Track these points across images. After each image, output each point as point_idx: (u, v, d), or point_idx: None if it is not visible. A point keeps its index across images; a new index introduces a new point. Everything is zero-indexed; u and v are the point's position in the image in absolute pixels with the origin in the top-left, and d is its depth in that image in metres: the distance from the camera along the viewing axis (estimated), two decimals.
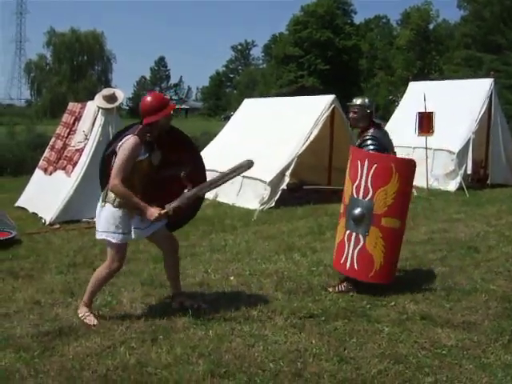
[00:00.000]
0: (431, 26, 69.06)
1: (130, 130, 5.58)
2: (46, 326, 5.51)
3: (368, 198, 6.35)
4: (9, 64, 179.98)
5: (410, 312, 5.87)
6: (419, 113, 14.96)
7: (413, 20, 67.19)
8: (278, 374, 4.54)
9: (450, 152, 15.01)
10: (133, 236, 5.51)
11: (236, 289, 6.65)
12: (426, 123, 15.07)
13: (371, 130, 6.74)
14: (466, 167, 15.14)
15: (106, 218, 5.41)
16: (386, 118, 25.26)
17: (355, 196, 6.44)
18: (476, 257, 8.09)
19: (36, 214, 10.94)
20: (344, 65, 68.88)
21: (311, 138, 12.54)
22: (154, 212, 5.34)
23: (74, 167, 10.69)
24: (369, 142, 6.62)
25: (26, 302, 6.19)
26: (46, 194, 11.15)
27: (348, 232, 6.51)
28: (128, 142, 5.33)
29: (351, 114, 6.91)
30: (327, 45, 68.87)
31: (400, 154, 16.52)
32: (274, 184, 12.08)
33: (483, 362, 4.78)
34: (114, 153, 5.45)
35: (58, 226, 10.05)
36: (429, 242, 8.94)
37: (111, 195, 5.38)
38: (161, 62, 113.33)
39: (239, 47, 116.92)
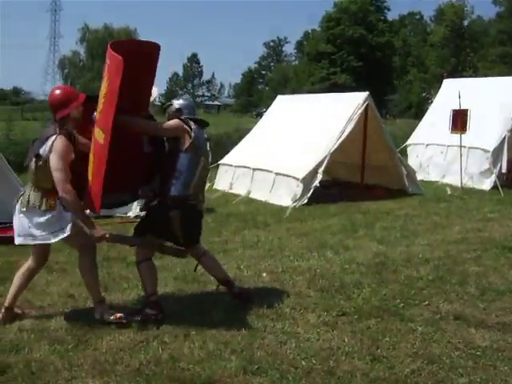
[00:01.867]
0: (466, 23, 68.27)
1: (47, 132, 5.38)
2: (79, 319, 5.56)
3: None
4: (43, 60, 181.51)
5: (443, 312, 5.81)
6: (453, 110, 14.81)
7: (447, 16, 66.47)
8: (311, 372, 4.52)
9: (484, 150, 14.81)
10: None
11: (268, 285, 6.65)
12: (459, 121, 14.93)
13: None
14: (500, 166, 14.90)
15: (50, 220, 5.30)
16: (420, 116, 25.07)
17: None
18: (511, 257, 7.97)
19: None
20: (377, 62, 68.33)
21: (344, 135, 12.49)
22: (99, 231, 5.35)
23: None
24: None
25: (60, 295, 6.28)
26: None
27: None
28: (57, 142, 5.21)
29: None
30: (360, 41, 68.41)
31: (434, 151, 16.52)
32: (307, 181, 12.05)
33: None
34: (38, 156, 5.30)
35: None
36: (463, 242, 8.84)
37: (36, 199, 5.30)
38: (193, 59, 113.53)
39: (271, 44, 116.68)
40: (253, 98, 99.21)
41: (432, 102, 20.16)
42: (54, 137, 5.24)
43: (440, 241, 8.86)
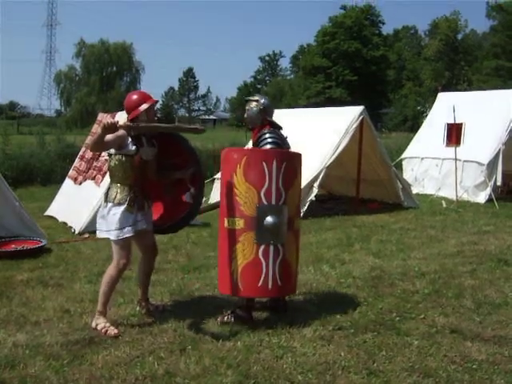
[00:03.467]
0: (460, 36, 68.60)
1: None
2: (75, 334, 5.54)
3: (281, 202, 5.67)
4: (39, 74, 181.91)
5: (439, 325, 5.81)
6: (448, 124, 14.87)
7: (441, 30, 66.79)
8: None
9: (479, 163, 14.86)
10: (132, 232, 5.62)
11: (264, 299, 6.59)
12: (454, 134, 14.98)
13: (267, 129, 6.32)
14: (495, 179, 14.96)
15: (106, 217, 5.60)
16: (415, 129, 25.15)
17: (265, 203, 5.60)
18: (506, 270, 7.99)
19: (65, 224, 11.05)
20: (372, 75, 68.55)
21: (340, 149, 12.52)
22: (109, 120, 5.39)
23: (103, 177, 10.77)
24: (267, 136, 6.19)
25: (56, 310, 6.24)
26: (75, 203, 11.24)
27: (263, 247, 5.64)
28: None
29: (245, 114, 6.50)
30: (355, 56, 68.64)
31: (429, 165, 16.57)
32: (303, 195, 12.02)
33: None
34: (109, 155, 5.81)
35: (87, 235, 10.13)
36: (458, 255, 8.85)
37: (112, 194, 5.62)
38: (189, 73, 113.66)
39: (267, 58, 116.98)
40: None
41: (427, 115, 20.24)
42: None
43: (436, 254, 8.87)
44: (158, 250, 6.26)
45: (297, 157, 6.05)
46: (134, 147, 5.61)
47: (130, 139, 5.59)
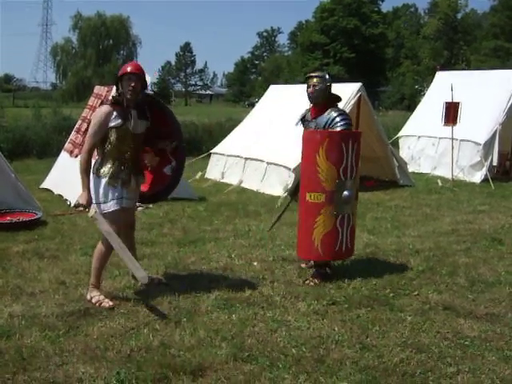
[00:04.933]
0: (459, 16, 68.33)
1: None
2: (70, 306, 5.57)
3: (353, 177, 6.43)
4: (35, 47, 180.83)
5: (432, 302, 5.86)
6: (446, 103, 14.84)
7: (441, 9, 66.51)
8: (300, 360, 4.55)
9: (475, 143, 14.86)
10: (117, 205, 5.60)
11: (259, 274, 6.66)
12: (452, 114, 14.96)
13: (336, 110, 6.63)
14: (491, 159, 14.99)
15: (92, 189, 5.59)
16: (412, 108, 25.12)
17: (343, 179, 6.29)
18: (500, 249, 8.03)
19: (61, 196, 11.05)
20: (370, 53, 68.36)
21: None
22: (82, 198, 5.55)
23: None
24: (340, 118, 6.51)
25: (51, 282, 6.26)
26: (71, 176, 11.16)
27: (340, 217, 6.39)
28: (98, 110, 5.65)
29: (310, 89, 6.68)
30: (353, 33, 68.42)
31: (425, 144, 16.59)
32: (299, 171, 12.02)
33: (506, 354, 4.75)
34: None
35: (82, 208, 10.10)
36: (453, 233, 8.89)
37: (95, 165, 5.61)
38: (186, 48, 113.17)
39: (265, 34, 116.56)
40: (245, 88, 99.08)
41: (424, 94, 20.21)
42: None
43: (430, 232, 8.91)
44: (134, 226, 6.26)
45: (361, 136, 6.71)
46: (119, 120, 5.53)
47: (115, 113, 5.52)
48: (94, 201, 5.59)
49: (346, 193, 6.32)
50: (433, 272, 6.86)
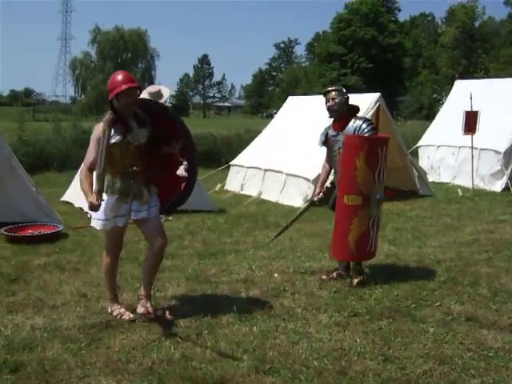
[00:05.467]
0: (477, 24, 68.02)
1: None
2: (92, 318, 5.59)
3: (383, 180, 6.69)
4: (54, 61, 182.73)
5: (455, 313, 5.80)
6: (466, 111, 14.75)
7: (458, 17, 66.24)
8: (323, 372, 4.53)
9: (496, 152, 14.76)
10: (118, 222, 5.43)
11: (280, 286, 6.65)
12: (471, 122, 14.87)
13: (361, 118, 6.87)
14: None
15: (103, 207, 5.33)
16: (431, 117, 25.02)
17: (377, 182, 6.58)
18: None
19: (81, 209, 11.09)
20: (388, 63, 68.16)
21: None
22: (91, 199, 5.12)
23: None
24: (366, 124, 6.73)
25: (73, 294, 6.30)
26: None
27: (372, 219, 6.67)
28: (95, 127, 5.34)
29: (330, 103, 6.85)
30: (371, 43, 68.29)
31: (445, 153, 16.47)
32: (318, 182, 12.02)
33: None
34: None
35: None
36: (474, 243, 8.82)
37: (105, 183, 5.32)
38: (204, 60, 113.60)
39: (282, 45, 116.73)
40: (263, 100, 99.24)
41: (443, 103, 20.12)
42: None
43: (451, 242, 8.85)
44: (166, 240, 5.63)
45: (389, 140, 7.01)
46: (118, 137, 5.24)
47: (113, 130, 5.21)
48: (93, 216, 5.48)
49: (378, 196, 6.63)
50: (455, 282, 6.80)
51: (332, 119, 7.01)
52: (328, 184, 7.37)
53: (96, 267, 7.31)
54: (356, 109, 6.93)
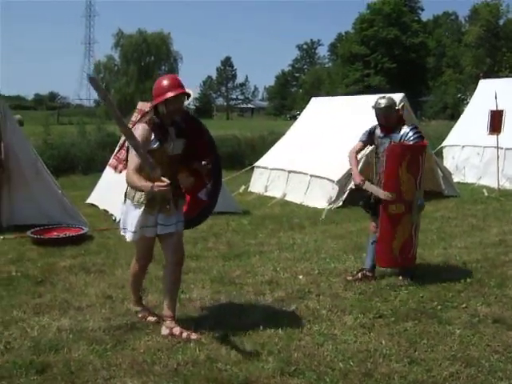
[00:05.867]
0: (501, 22, 67.32)
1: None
2: (117, 320, 5.62)
3: (421, 186, 6.91)
4: (78, 65, 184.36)
5: (481, 315, 5.76)
6: (491, 111, 14.62)
7: (482, 16, 65.54)
8: (348, 374, 4.51)
9: None
10: (149, 233, 5.19)
11: (305, 287, 6.64)
12: (496, 122, 14.74)
13: (408, 126, 6.94)
14: None
15: (124, 214, 5.24)
16: (455, 117, 24.83)
17: (418, 189, 6.78)
18: None
19: (106, 211, 11.17)
20: (411, 63, 67.76)
21: None
22: (157, 184, 4.79)
23: None
24: (414, 132, 6.82)
25: (98, 296, 6.34)
26: (115, 191, 11.29)
27: (414, 225, 6.88)
28: (136, 128, 5.02)
29: (381, 118, 6.96)
30: (394, 43, 67.94)
31: (470, 153, 16.32)
32: (342, 183, 12.01)
33: None
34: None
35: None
36: (500, 244, 8.74)
37: (130, 192, 5.14)
38: (227, 62, 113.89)
39: (305, 46, 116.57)
40: (286, 101, 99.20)
41: (467, 102, 19.95)
42: (138, 124, 5.13)
43: (477, 243, 8.77)
44: (182, 255, 5.45)
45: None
46: (157, 143, 5.00)
47: (153, 135, 4.98)
48: (121, 226, 5.29)
49: (419, 202, 6.85)
50: (481, 284, 6.74)
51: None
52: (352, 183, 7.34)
53: (121, 269, 7.36)
54: (402, 118, 7.08)
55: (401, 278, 6.92)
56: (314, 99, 16.70)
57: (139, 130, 4.96)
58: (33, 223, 9.25)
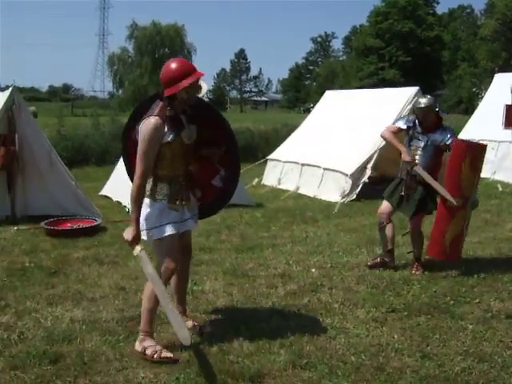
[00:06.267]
0: None
1: (153, 105, 4.73)
2: (130, 311, 5.65)
3: (477, 184, 7.17)
4: (92, 57, 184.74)
5: (494, 310, 5.73)
6: (507, 105, 14.51)
7: (498, 9, 65.07)
8: (360, 368, 4.51)
9: None
10: (173, 230, 4.73)
11: (317, 281, 6.63)
12: (511, 116, 14.63)
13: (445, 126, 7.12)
14: None
15: (144, 214, 4.74)
16: (470, 111, 24.69)
17: (475, 186, 7.08)
18: None
19: (120, 203, 11.20)
20: (426, 56, 67.46)
21: None
22: (129, 233, 4.73)
23: None
24: (450, 134, 7.00)
25: (111, 287, 6.36)
26: (129, 183, 11.35)
27: (466, 221, 7.10)
28: (146, 124, 4.54)
29: (421, 118, 7.04)
30: (409, 36, 67.65)
31: None
32: (356, 177, 11.99)
33: None
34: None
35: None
36: None
37: (147, 187, 4.73)
38: (241, 55, 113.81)
39: (319, 39, 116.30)
40: (300, 94, 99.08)
41: (482, 97, 19.83)
42: (148, 117, 4.58)
43: (491, 238, 8.72)
44: (190, 255, 5.25)
45: None
46: (171, 135, 4.61)
47: (166, 127, 4.58)
48: (144, 227, 4.75)
49: (474, 198, 7.07)
50: (494, 279, 6.71)
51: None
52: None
53: (134, 260, 7.34)
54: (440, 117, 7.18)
55: (415, 269, 7.00)
56: (328, 92, 16.65)
57: (151, 124, 4.50)
58: (47, 214, 9.30)
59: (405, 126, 7.16)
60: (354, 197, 11.92)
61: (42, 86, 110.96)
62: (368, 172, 12.12)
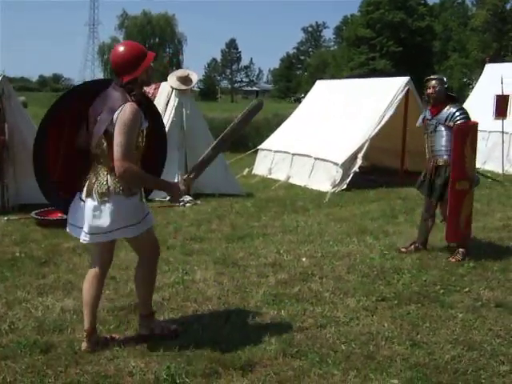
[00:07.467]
0: (508, 6, 66.88)
1: (111, 93, 4.37)
2: (121, 301, 5.65)
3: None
4: (82, 47, 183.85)
5: (484, 299, 5.76)
6: (497, 95, 14.56)
7: (489, 0, 65.20)
8: (350, 356, 4.52)
9: None
10: (151, 222, 4.68)
11: (308, 270, 6.64)
12: (502, 107, 14.68)
13: (455, 106, 7.19)
14: None
15: (115, 212, 4.34)
16: (461, 102, 24.74)
17: (476, 166, 7.42)
18: None
19: None
20: (417, 47, 67.44)
21: (384, 120, 12.39)
22: (178, 186, 4.56)
23: None
24: (461, 112, 7.09)
25: None
26: None
27: (472, 202, 7.32)
28: (127, 111, 4.17)
29: (430, 90, 7.18)
30: (400, 26, 67.58)
31: None
32: (346, 166, 12.02)
33: None
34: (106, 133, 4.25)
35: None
36: (504, 229, 8.74)
37: (114, 184, 4.31)
38: (232, 44, 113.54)
39: (310, 29, 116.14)
40: (291, 84, 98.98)
41: (473, 87, 19.87)
42: (121, 105, 4.19)
43: (481, 228, 8.75)
44: (158, 249, 4.90)
45: None
46: (146, 122, 4.41)
47: (142, 114, 4.30)
48: (118, 225, 4.41)
49: (477, 177, 7.34)
50: (484, 268, 6.74)
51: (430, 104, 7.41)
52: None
53: (125, 250, 7.32)
54: (454, 98, 7.37)
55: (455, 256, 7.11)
56: (318, 82, 16.66)
57: (131, 112, 4.17)
58: (38, 203, 9.26)
59: (420, 122, 7.59)
60: (345, 186, 11.95)
61: (31, 76, 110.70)
62: (359, 162, 12.14)
